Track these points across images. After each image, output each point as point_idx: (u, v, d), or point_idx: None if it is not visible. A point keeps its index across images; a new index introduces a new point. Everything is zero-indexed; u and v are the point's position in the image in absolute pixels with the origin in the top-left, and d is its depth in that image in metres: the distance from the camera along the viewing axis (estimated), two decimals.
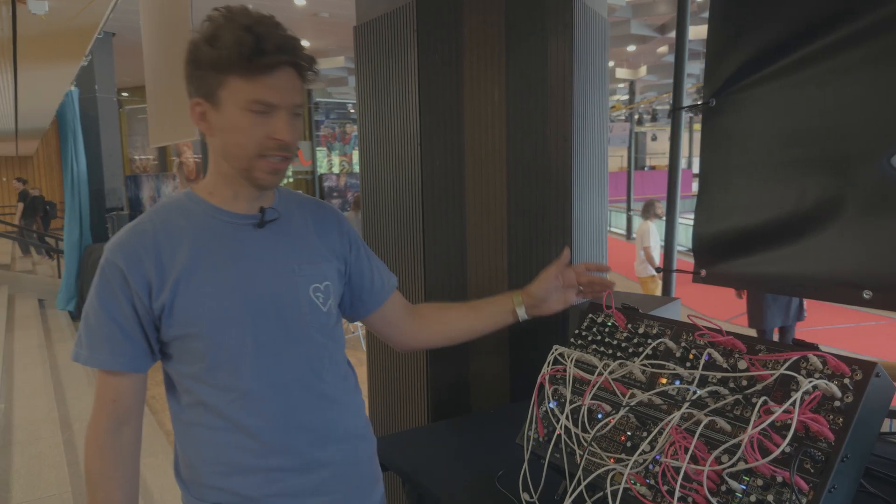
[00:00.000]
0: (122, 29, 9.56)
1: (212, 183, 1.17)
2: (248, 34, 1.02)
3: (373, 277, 1.36)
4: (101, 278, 1.11)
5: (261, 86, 1.04)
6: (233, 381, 1.12)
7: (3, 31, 3.43)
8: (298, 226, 1.23)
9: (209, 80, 1.07)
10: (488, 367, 1.84)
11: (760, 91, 1.66)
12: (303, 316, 1.18)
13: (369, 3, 1.99)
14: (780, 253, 1.62)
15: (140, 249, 1.09)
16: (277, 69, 1.05)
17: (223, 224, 1.14)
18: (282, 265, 1.17)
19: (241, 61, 1.03)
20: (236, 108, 1.06)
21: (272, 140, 1.08)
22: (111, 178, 10.30)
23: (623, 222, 18.67)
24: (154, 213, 1.15)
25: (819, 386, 0.93)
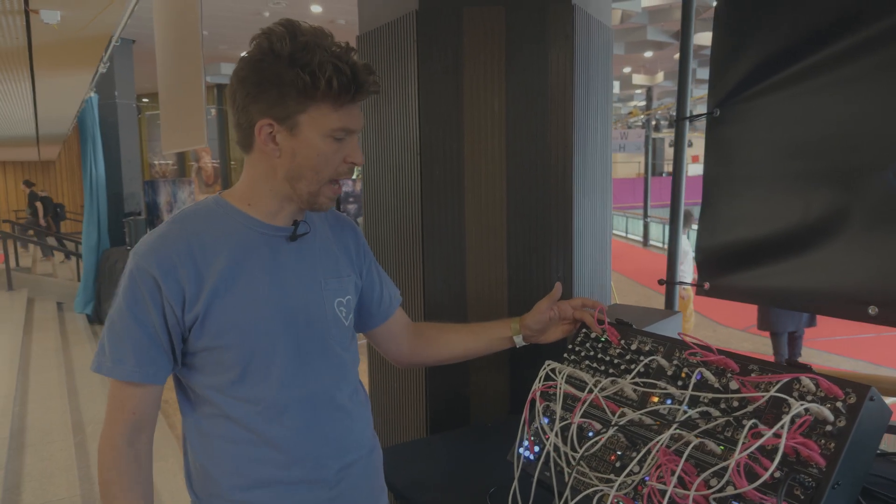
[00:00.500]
0: (141, 36, 9.68)
1: (253, 195, 1.14)
2: (346, 66, 1.03)
3: (381, 291, 1.37)
4: (130, 285, 1.06)
5: (346, 114, 1.07)
6: (260, 393, 1.12)
7: (18, 39, 3.49)
8: (323, 239, 1.24)
9: (288, 104, 1.05)
10: (488, 378, 1.82)
11: (765, 101, 1.63)
12: (328, 329, 1.18)
13: (372, 12, 1.99)
14: (785, 266, 1.59)
15: (174, 257, 1.06)
16: (360, 99, 1.09)
17: (258, 235, 1.13)
18: (310, 278, 1.18)
19: (339, 92, 1.04)
20: (318, 134, 1.07)
21: (346, 164, 1.12)
22: (130, 182, 10.44)
23: (640, 229, 18.56)
24: (183, 220, 1.12)
25: (811, 409, 0.90)
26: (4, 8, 2.97)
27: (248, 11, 9.60)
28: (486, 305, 1.79)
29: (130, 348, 1.06)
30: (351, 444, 1.22)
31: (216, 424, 1.13)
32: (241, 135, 1.12)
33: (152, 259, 1.05)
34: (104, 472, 1.10)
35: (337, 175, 1.12)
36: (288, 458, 1.14)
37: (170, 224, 1.11)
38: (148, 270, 1.05)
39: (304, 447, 1.15)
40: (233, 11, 9.43)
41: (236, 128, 1.12)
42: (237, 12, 9.49)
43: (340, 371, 1.21)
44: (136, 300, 1.06)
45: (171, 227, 1.10)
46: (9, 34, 3.43)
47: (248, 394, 1.11)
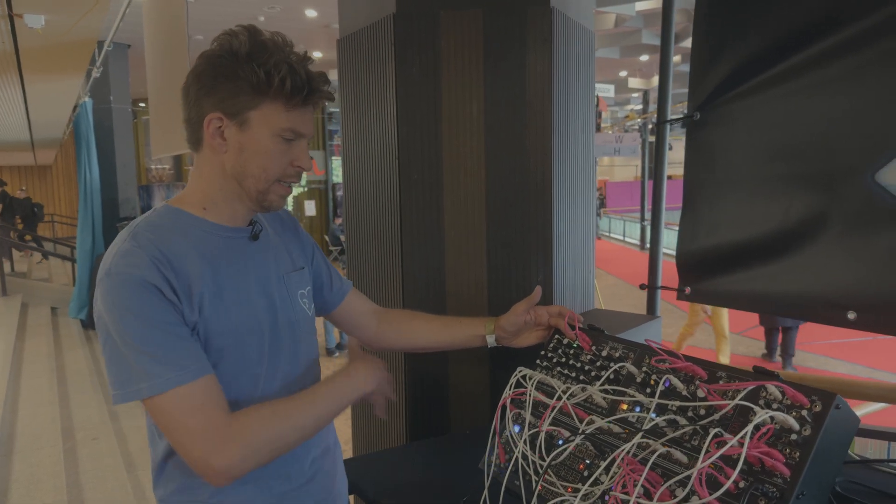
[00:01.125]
0: (136, 41, 9.67)
1: (206, 198, 1.12)
2: (301, 68, 1.06)
3: (331, 275, 1.41)
4: (136, 302, 0.98)
5: (297, 116, 1.08)
6: (249, 391, 1.11)
7: (4, 44, 3.48)
8: (273, 235, 1.25)
9: (240, 99, 1.05)
10: (469, 385, 1.80)
11: (745, 104, 1.62)
12: (299, 322, 1.21)
13: (351, 16, 1.98)
14: (765, 271, 1.57)
15: (157, 263, 1.01)
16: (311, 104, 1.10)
17: (222, 239, 1.12)
18: (275, 274, 1.19)
19: (292, 92, 1.05)
20: (268, 132, 1.07)
21: (293, 167, 1.12)
22: (125, 187, 10.44)
23: (637, 232, 18.56)
24: (145, 231, 1.06)
25: (776, 418, 0.88)
26: None
27: (243, 16, 9.61)
28: (466, 308, 1.77)
29: (172, 352, 0.99)
30: (325, 440, 1.25)
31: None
32: (190, 130, 1.11)
33: (139, 270, 0.99)
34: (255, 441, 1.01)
35: (284, 177, 1.11)
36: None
37: (130, 239, 1.04)
38: (142, 278, 0.99)
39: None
40: (228, 16, 9.43)
41: (186, 123, 1.11)
42: (232, 17, 9.50)
43: (309, 362, 1.24)
44: (151, 309, 0.99)
45: (134, 240, 1.03)
46: None
47: (238, 393, 1.09)
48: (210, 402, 1.00)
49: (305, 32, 10.91)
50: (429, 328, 1.48)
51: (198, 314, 1.04)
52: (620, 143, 10.85)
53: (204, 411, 0.99)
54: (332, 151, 19.24)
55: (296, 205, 18.46)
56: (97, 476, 4.03)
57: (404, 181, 1.76)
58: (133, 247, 1.02)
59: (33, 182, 20.66)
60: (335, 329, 7.74)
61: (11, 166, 20.37)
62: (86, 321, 8.59)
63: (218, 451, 0.98)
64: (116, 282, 0.99)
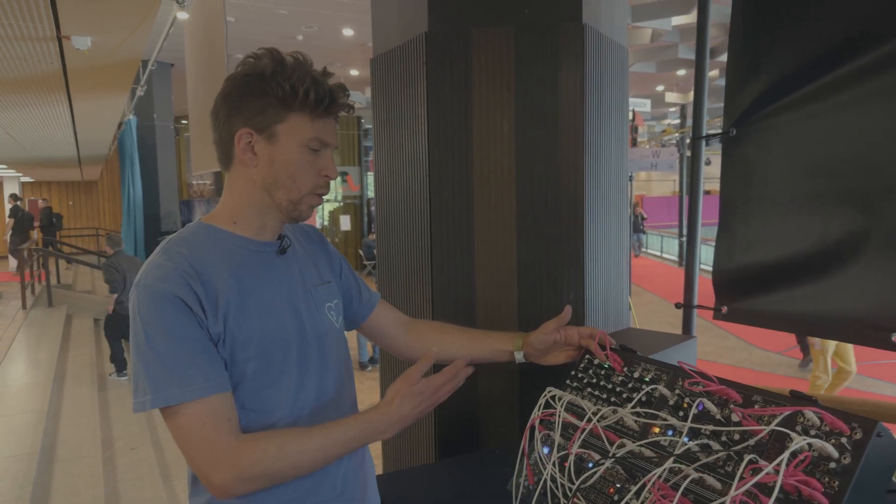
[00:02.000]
0: (179, 60, 9.96)
1: (236, 213, 1.16)
2: (323, 80, 1.11)
3: (360, 287, 1.41)
4: (161, 315, 1.02)
5: (321, 126, 1.12)
6: (283, 403, 1.12)
7: (53, 65, 3.62)
8: (300, 249, 1.27)
9: (268, 113, 1.09)
10: (498, 403, 1.79)
11: (781, 120, 1.59)
12: (327, 335, 1.21)
13: (384, 35, 2.00)
14: (803, 291, 1.53)
15: (186, 277, 1.04)
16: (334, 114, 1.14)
17: (251, 253, 1.15)
18: (302, 288, 1.20)
19: (316, 103, 1.09)
20: (295, 143, 1.11)
21: (321, 176, 1.15)
22: (167, 202, 10.70)
23: (675, 248, 18.27)
24: (176, 246, 1.10)
25: (814, 445, 0.85)
26: (39, 35, 3.08)
27: (281, 35, 9.81)
28: (496, 325, 1.76)
29: (190, 367, 1.01)
30: (355, 454, 1.23)
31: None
32: (220, 150, 1.15)
33: (168, 283, 1.03)
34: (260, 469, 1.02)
35: (314, 188, 1.14)
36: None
37: (162, 254, 1.08)
38: (170, 292, 1.02)
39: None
40: (266, 35, 9.64)
41: (217, 145, 1.15)
42: (271, 36, 9.70)
43: (340, 376, 1.24)
44: (175, 323, 1.02)
45: (166, 255, 1.08)
46: (44, 60, 3.57)
47: (263, 405, 1.11)
48: (215, 421, 1.02)
49: (342, 51, 11.08)
50: (457, 341, 1.47)
51: (223, 326, 1.06)
52: (657, 157, 10.72)
53: (207, 429, 1.01)
54: (368, 167, 19.44)
55: (331, 219, 18.67)
56: (135, 486, 4.10)
57: (435, 198, 1.77)
58: (164, 261, 1.06)
59: (80, 197, 21.35)
60: (368, 343, 7.77)
61: (60, 182, 21.08)
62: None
63: (215, 470, 1.01)
64: (144, 294, 1.03)
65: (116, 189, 19.72)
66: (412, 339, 1.48)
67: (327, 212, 19.37)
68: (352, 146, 19.58)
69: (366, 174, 19.50)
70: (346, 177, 19.51)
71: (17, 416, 5.03)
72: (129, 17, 3.03)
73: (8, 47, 3.35)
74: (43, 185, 20.97)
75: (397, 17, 1.92)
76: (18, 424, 4.83)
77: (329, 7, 8.89)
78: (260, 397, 1.11)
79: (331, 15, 9.25)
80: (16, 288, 11.12)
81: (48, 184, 21.08)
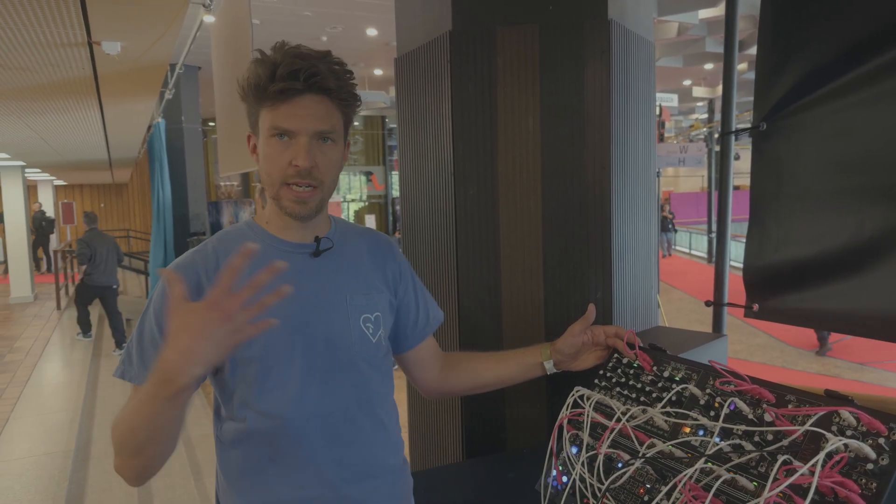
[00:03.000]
0: (206, 63, 10.09)
1: (268, 212, 1.19)
2: (265, 66, 1.07)
3: (418, 313, 1.36)
4: (161, 298, 1.07)
5: (279, 113, 1.08)
6: (278, 408, 1.11)
7: (84, 70, 3.70)
8: (352, 256, 1.24)
9: (251, 113, 1.14)
10: (525, 403, 1.78)
11: (814, 114, 1.55)
12: (352, 346, 1.17)
13: (408, 35, 2.00)
14: (837, 288, 1.49)
15: (200, 271, 1.09)
16: (296, 96, 1.07)
17: (280, 253, 1.15)
18: (334, 294, 1.18)
19: (258, 91, 1.08)
20: (263, 136, 1.11)
21: (292, 166, 1.08)
22: (195, 204, 10.86)
23: (704, 244, 18.03)
24: (216, 239, 1.17)
25: (850, 445, 0.84)
26: (70, 41, 3.15)
27: (305, 36, 9.89)
28: (523, 326, 1.75)
29: (155, 355, 1.02)
30: (373, 468, 1.19)
31: (236, 439, 1.13)
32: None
33: (179, 270, 1.10)
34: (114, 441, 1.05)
35: (284, 178, 1.09)
36: (308, 476, 1.12)
37: (204, 242, 1.16)
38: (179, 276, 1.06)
39: (322, 466, 1.13)
40: (291, 36, 9.62)
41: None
42: (296, 37, 9.69)
43: (367, 390, 1.19)
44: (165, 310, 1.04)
45: (205, 244, 1.16)
46: (76, 65, 3.65)
47: (268, 408, 1.11)
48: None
49: (366, 51, 11.14)
50: (487, 366, 1.46)
51: None
52: (685, 153, 10.59)
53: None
54: (392, 167, 19.51)
55: (356, 219, 18.77)
56: (166, 483, 4.17)
57: (460, 196, 1.76)
58: (195, 250, 1.13)
59: (110, 199, 21.75)
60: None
61: (91, 184, 21.50)
62: None
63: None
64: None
65: (146, 191, 20.07)
66: (445, 371, 1.45)
67: (353, 211, 19.47)
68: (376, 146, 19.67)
69: (390, 173, 19.57)
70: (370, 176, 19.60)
71: (53, 414, 5.15)
72: (157, 22, 3.08)
73: (41, 53, 3.43)
74: (75, 187, 21.42)
75: (421, 16, 1.92)
76: (54, 423, 4.95)
77: (353, 8, 8.93)
78: (265, 399, 1.11)
79: (354, 16, 9.30)
80: (51, 289, 11.39)
81: (80, 186, 21.52)
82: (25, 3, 2.55)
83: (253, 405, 1.11)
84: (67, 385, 5.93)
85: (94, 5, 2.68)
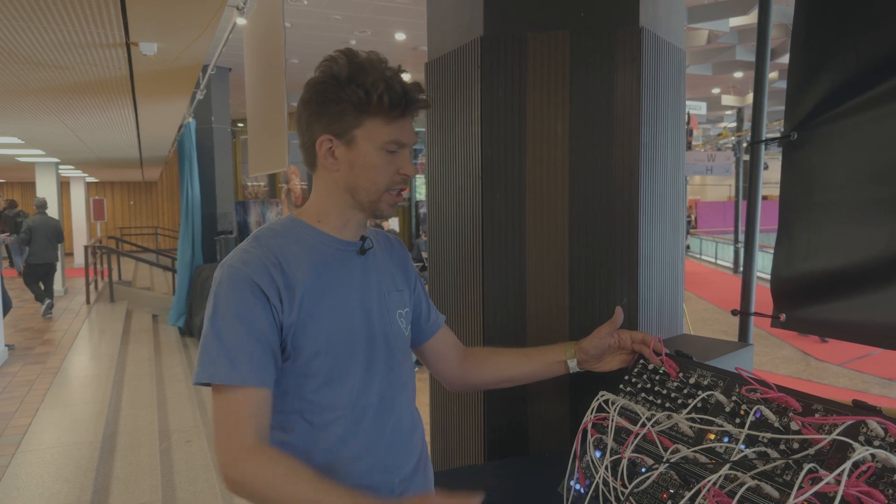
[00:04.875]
0: (237, 65, 10.24)
1: (321, 211, 1.21)
2: (397, 83, 1.12)
3: (429, 307, 1.44)
4: (235, 295, 1.07)
5: (397, 128, 1.15)
6: (339, 400, 1.14)
7: (121, 70, 3.79)
8: (380, 255, 1.30)
9: (345, 119, 1.13)
10: (548, 406, 1.79)
11: (845, 124, 1.54)
12: (395, 338, 1.24)
13: (439, 40, 2.03)
14: (866, 299, 1.48)
15: (269, 265, 1.09)
16: (409, 114, 1.16)
17: (332, 249, 1.19)
18: (377, 290, 1.23)
19: (390, 107, 1.12)
20: (372, 146, 1.14)
21: (399, 175, 1.18)
22: (223, 203, 10.99)
23: (730, 254, 17.80)
24: (265, 236, 1.16)
25: (877, 456, 0.83)
26: (109, 42, 3.23)
27: (336, 40, 9.99)
28: (547, 331, 1.76)
29: (247, 354, 1.05)
30: (413, 452, 1.26)
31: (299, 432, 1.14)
32: (305, 154, 1.20)
33: (250, 268, 1.08)
34: (257, 485, 1.01)
35: (391, 185, 1.18)
36: (361, 464, 1.15)
37: (253, 241, 1.15)
38: (250, 277, 1.07)
39: (377, 452, 1.17)
40: (322, 40, 9.82)
41: (302, 148, 1.20)
42: (326, 41, 9.89)
43: (405, 379, 1.26)
44: (246, 306, 1.06)
45: (256, 242, 1.14)
46: (113, 65, 3.73)
47: (329, 400, 1.14)
48: (247, 415, 1.04)
49: (394, 55, 11.20)
50: (509, 361, 1.48)
51: (297, 315, 1.10)
52: (713, 161, 10.48)
53: (236, 420, 1.04)
54: (416, 170, 19.58)
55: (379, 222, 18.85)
56: (189, 478, 4.23)
57: (487, 201, 1.78)
58: (252, 247, 1.12)
59: (140, 196, 22.12)
60: None
61: (122, 182, 21.90)
62: (183, 329, 9.07)
63: (226, 464, 1.03)
64: (227, 273, 1.09)
65: (175, 189, 20.39)
66: (465, 364, 1.49)
67: None
68: None
69: (414, 177, 19.64)
70: None
71: (81, 405, 5.26)
72: (193, 24, 3.15)
73: (80, 53, 3.52)
74: (106, 185, 21.83)
75: (453, 22, 1.94)
76: (82, 414, 5.05)
77: (382, 12, 9.00)
78: (324, 393, 1.13)
79: (383, 20, 9.37)
80: (81, 283, 11.62)
81: (111, 184, 21.93)
82: (68, 5, 2.62)
83: (312, 397, 1.13)
84: (95, 377, 6.05)
85: (134, 7, 2.75)
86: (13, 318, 8.96)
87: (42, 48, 3.36)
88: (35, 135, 7.73)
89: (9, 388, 5.72)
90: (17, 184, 20.55)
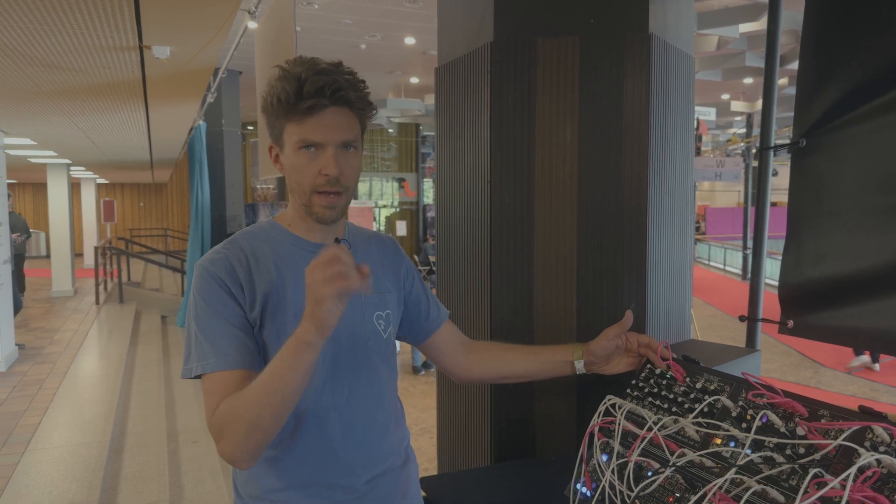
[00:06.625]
0: (247, 68, 10.31)
1: (291, 215, 1.26)
2: (290, 82, 1.12)
3: (429, 304, 1.45)
4: (207, 291, 1.14)
5: (307, 127, 1.13)
6: (311, 400, 1.18)
7: (134, 73, 3.82)
8: (363, 257, 1.31)
9: (275, 126, 1.18)
10: (554, 409, 1.79)
11: (856, 131, 1.55)
12: (367, 341, 1.26)
13: (449, 45, 2.04)
14: (875, 306, 1.48)
15: (234, 261, 1.16)
16: (322, 110, 1.13)
17: (302, 252, 1.22)
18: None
19: (287, 107, 1.13)
20: (292, 149, 1.16)
21: (322, 176, 1.15)
22: (233, 205, 11.06)
23: (738, 261, 17.73)
24: (242, 235, 1.24)
25: (883, 461, 0.84)
26: (122, 45, 3.26)
27: (347, 44, 10.04)
28: (554, 334, 1.77)
29: (226, 340, 1.11)
30: (383, 455, 1.27)
31: None
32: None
33: (216, 266, 1.15)
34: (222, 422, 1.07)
35: (316, 187, 1.15)
36: (323, 462, 1.19)
37: (227, 242, 1.22)
38: (216, 273, 1.15)
39: (338, 453, 1.20)
40: (333, 44, 9.88)
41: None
42: (336, 45, 9.94)
43: (378, 382, 1.28)
44: (218, 299, 1.13)
45: (229, 243, 1.22)
46: (126, 68, 3.77)
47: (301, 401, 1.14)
48: (222, 394, 1.09)
49: (403, 59, 11.25)
50: (515, 357, 1.50)
51: (259, 313, 1.15)
52: (722, 167, 10.46)
53: (215, 399, 1.09)
54: (424, 174, 19.61)
55: (388, 225, 18.90)
56: (196, 478, 4.25)
57: (495, 204, 1.79)
58: (224, 247, 1.19)
59: (150, 198, 22.24)
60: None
61: (132, 183, 22.02)
62: None
63: (216, 438, 1.09)
64: (197, 272, 1.16)
65: (185, 191, 20.51)
66: (471, 358, 1.51)
67: (384, 217, 19.62)
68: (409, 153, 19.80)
69: (422, 180, 19.67)
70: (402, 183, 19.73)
71: (90, 405, 5.29)
72: (206, 28, 3.18)
73: (93, 56, 3.56)
74: (116, 186, 21.96)
75: (463, 27, 1.96)
76: (90, 414, 5.08)
77: (392, 17, 9.04)
78: None
79: (393, 24, 9.41)
80: (90, 284, 11.70)
81: (121, 185, 22.06)
82: (83, 8, 2.65)
83: None
84: (104, 378, 6.09)
85: (148, 11, 2.78)
86: (23, 318, 9.03)
87: (57, 51, 3.40)
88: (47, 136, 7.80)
89: (18, 387, 5.76)
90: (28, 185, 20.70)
